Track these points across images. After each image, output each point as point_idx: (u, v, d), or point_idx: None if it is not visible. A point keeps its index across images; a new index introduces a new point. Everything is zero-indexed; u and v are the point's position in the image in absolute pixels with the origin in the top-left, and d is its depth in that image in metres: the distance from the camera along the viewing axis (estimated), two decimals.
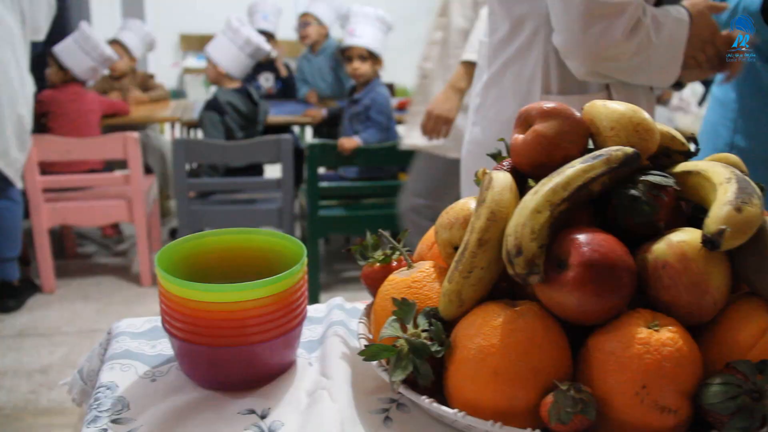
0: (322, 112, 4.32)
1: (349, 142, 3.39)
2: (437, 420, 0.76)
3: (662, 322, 0.68)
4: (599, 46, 1.25)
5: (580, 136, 0.79)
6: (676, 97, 5.15)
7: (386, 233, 0.92)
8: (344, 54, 3.88)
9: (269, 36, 5.05)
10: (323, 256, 3.99)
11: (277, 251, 0.91)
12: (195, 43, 7.45)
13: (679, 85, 1.52)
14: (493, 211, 0.73)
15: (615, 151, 0.74)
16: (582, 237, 0.68)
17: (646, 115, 0.80)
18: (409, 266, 0.85)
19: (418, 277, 0.81)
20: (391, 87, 6.12)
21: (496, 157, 0.87)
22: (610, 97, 1.39)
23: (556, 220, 0.69)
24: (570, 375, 0.70)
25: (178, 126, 5.09)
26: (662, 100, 4.72)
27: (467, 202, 0.82)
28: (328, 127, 4.41)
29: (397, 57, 6.07)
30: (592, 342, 0.70)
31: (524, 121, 0.81)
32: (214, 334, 0.80)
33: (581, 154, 0.76)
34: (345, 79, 4.84)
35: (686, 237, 0.70)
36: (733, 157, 0.89)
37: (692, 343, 0.68)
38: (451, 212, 0.83)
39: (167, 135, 5.52)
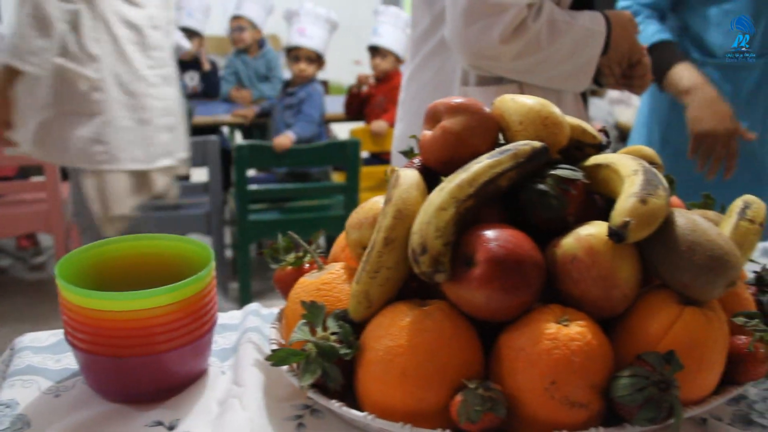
0: (254, 110, 4.32)
1: (284, 139, 3.40)
2: (352, 425, 0.78)
3: (572, 317, 0.71)
4: (478, 45, 1.29)
5: (488, 132, 0.81)
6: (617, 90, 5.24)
7: (296, 236, 0.93)
8: (290, 52, 3.89)
9: (194, 33, 5.02)
10: (255, 262, 3.97)
11: (184, 257, 0.91)
12: None
13: (599, 85, 1.57)
14: (399, 210, 0.74)
15: (523, 145, 0.76)
16: (489, 233, 0.70)
17: (554, 108, 0.82)
18: (320, 268, 0.86)
19: (327, 279, 0.82)
20: (325, 84, 6.14)
21: (408, 154, 0.89)
22: (522, 91, 1.42)
23: (462, 216, 0.71)
24: (482, 373, 0.72)
25: None
26: (600, 94, 4.80)
27: (377, 202, 0.84)
28: (259, 128, 4.41)
29: (332, 55, 6.09)
30: (502, 339, 0.72)
31: (432, 117, 0.83)
32: (118, 344, 0.80)
33: (491, 150, 0.78)
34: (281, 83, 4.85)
35: (594, 230, 0.72)
36: (647, 150, 0.92)
37: (602, 336, 0.71)
38: (361, 212, 0.84)
39: None
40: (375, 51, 4.33)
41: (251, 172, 4.32)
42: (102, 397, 0.84)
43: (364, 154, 4.30)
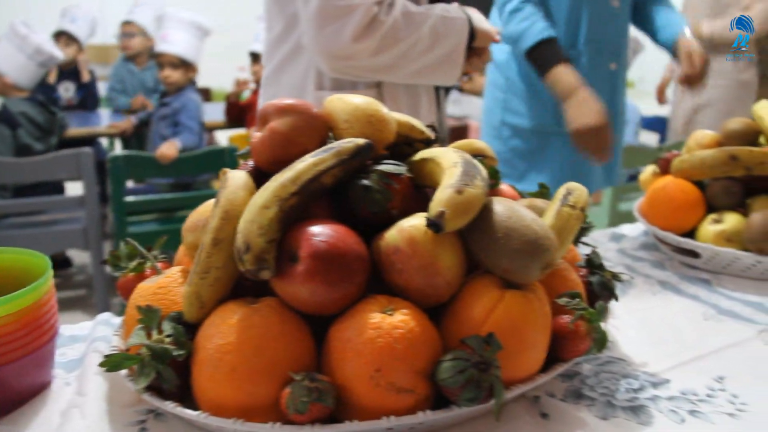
0: (131, 120, 4.25)
1: (170, 147, 3.35)
2: (194, 425, 0.79)
3: (397, 306, 0.74)
4: (333, 47, 1.33)
5: (316, 131, 0.84)
6: None
7: (135, 242, 0.94)
8: (156, 60, 3.84)
9: (72, 39, 4.91)
10: None
11: (21, 268, 0.91)
12: None
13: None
14: (226, 211, 0.76)
15: (346, 143, 0.79)
16: (312, 229, 0.73)
17: (380, 106, 0.85)
18: (159, 273, 0.88)
19: (164, 283, 0.84)
20: (207, 92, 6.10)
21: (245, 156, 0.91)
22: (380, 94, 1.47)
23: (285, 214, 0.74)
24: (313, 366, 0.75)
25: None
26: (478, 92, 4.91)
27: (210, 204, 0.85)
28: (139, 138, 4.35)
29: (215, 62, 6.05)
30: (331, 331, 0.75)
31: (263, 119, 0.85)
32: None
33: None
34: None
35: (416, 222, 0.76)
36: (478, 143, 0.97)
37: (427, 323, 0.74)
38: (195, 215, 0.86)
39: None
40: (255, 57, 4.32)
41: (133, 184, 4.27)
42: None
43: None
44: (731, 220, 1.30)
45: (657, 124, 5.09)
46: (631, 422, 0.83)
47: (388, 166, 0.80)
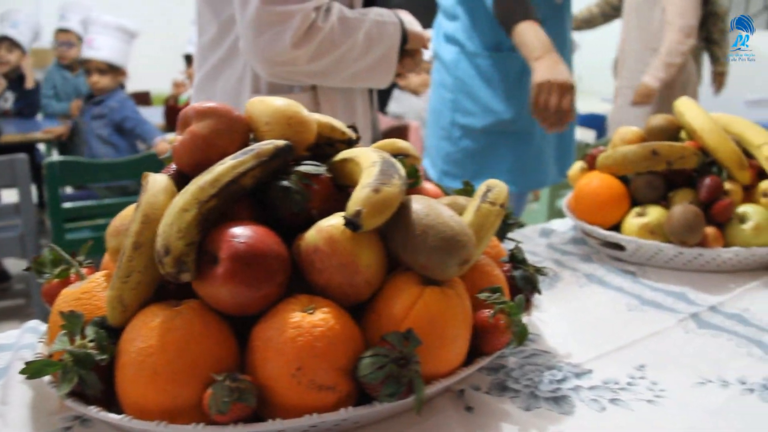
0: (68, 125, 4.20)
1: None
2: (120, 429, 0.79)
3: (318, 305, 0.75)
4: (271, 53, 1.33)
5: (237, 134, 0.85)
6: None
7: (58, 247, 0.94)
8: (83, 66, 3.79)
9: (15, 45, 4.81)
10: None
11: None
12: None
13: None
14: (146, 214, 0.77)
15: (266, 144, 0.80)
16: (231, 231, 0.74)
17: (300, 108, 0.87)
18: (83, 278, 0.88)
19: (87, 288, 0.84)
20: (147, 96, 6.03)
21: (168, 159, 0.91)
22: (316, 97, 1.48)
23: (205, 217, 0.74)
24: (236, 366, 0.75)
25: None
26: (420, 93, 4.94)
27: (133, 209, 0.86)
28: (72, 143, 4.29)
29: (154, 65, 5.99)
30: (254, 331, 0.76)
31: (183, 123, 0.86)
32: None
33: None
34: None
35: (335, 221, 0.77)
36: (401, 143, 0.98)
37: (347, 321, 0.76)
38: (118, 219, 0.86)
39: None
40: (190, 60, 4.29)
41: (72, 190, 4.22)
42: None
43: None
44: (654, 213, 1.33)
45: (594, 122, 5.17)
46: (553, 412, 0.85)
47: (307, 167, 0.81)
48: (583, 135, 5.62)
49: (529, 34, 1.91)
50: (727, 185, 1.35)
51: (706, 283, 1.27)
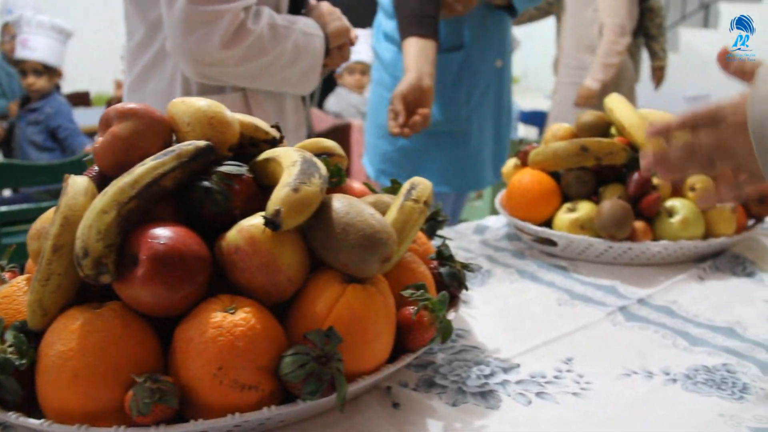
0: (3, 126, 4.13)
1: None
2: None
3: (240, 305, 0.76)
4: (200, 52, 1.33)
5: (158, 135, 0.85)
6: None
7: None
8: (18, 66, 3.74)
9: None
10: None
11: None
12: None
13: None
14: (66, 217, 0.77)
15: (186, 145, 0.80)
16: (151, 232, 0.74)
17: (222, 108, 0.87)
18: (4, 282, 0.87)
19: (7, 293, 0.83)
20: (86, 96, 5.96)
21: (90, 162, 0.91)
22: (246, 98, 1.48)
23: (124, 218, 0.74)
24: (158, 368, 0.76)
25: None
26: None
27: (53, 212, 0.85)
28: (5, 144, 4.23)
29: (95, 65, 5.91)
30: (176, 332, 0.76)
31: (104, 124, 0.86)
32: None
33: None
34: None
35: (256, 221, 0.78)
36: (326, 142, 0.99)
37: (269, 320, 0.76)
38: (39, 222, 0.86)
39: None
40: None
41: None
42: None
43: None
44: (584, 209, 1.36)
45: (536, 118, 5.23)
46: (479, 407, 0.86)
47: (229, 167, 0.82)
48: (526, 132, 5.69)
49: (406, 48, 1.93)
50: (656, 180, 1.38)
51: (636, 277, 1.30)
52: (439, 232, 1.10)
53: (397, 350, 0.86)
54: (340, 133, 2.91)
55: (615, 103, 1.48)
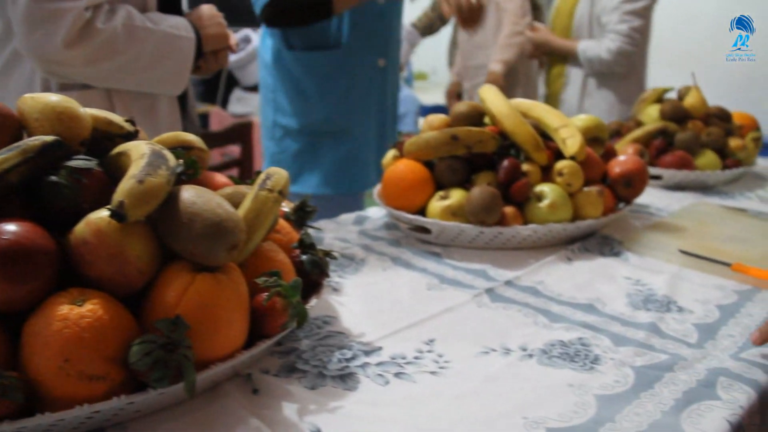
0: None
1: None
2: None
3: (89, 297, 0.76)
4: (43, 51, 1.32)
5: (6, 130, 0.85)
6: None
7: None
8: None
9: None
10: None
11: None
12: None
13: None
14: None
15: (33, 141, 0.81)
16: None
17: (72, 104, 0.88)
18: None
19: None
20: None
21: None
22: (110, 97, 1.47)
23: None
24: (7, 363, 0.76)
25: None
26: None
27: None
28: None
29: None
30: (24, 327, 0.76)
31: None
32: None
33: None
34: None
35: (102, 213, 0.79)
36: (187, 135, 1.01)
37: (118, 311, 0.77)
38: None
39: None
40: None
41: None
42: None
43: None
44: (456, 196, 1.40)
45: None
46: (338, 389, 0.89)
47: (78, 162, 0.83)
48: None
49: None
50: (525, 166, 1.43)
51: (507, 260, 1.35)
52: (317, 224, 1.12)
53: (255, 337, 0.88)
54: (239, 132, 2.89)
55: (487, 93, 1.52)
